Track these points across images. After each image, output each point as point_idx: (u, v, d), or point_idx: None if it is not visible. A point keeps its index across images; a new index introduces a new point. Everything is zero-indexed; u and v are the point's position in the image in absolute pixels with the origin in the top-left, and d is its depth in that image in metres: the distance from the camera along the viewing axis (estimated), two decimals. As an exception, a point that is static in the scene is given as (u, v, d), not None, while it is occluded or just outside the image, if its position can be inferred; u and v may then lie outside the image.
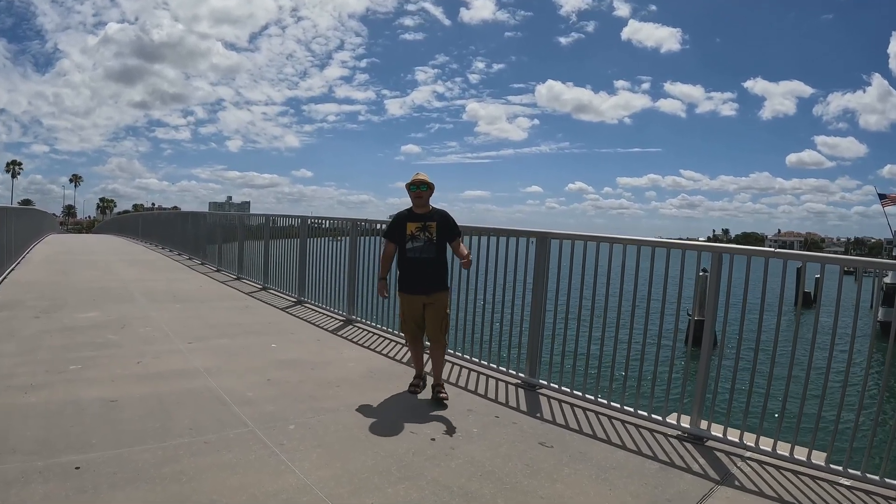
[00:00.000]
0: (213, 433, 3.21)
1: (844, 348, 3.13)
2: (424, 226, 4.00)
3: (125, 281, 9.13)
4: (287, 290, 8.14)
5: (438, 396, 3.95)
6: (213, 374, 4.30)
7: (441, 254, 4.04)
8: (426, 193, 4.06)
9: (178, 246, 14.74)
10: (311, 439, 3.22)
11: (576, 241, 4.27)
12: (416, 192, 4.04)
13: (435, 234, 3.99)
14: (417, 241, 3.99)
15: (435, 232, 3.99)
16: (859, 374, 3.28)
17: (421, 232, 3.99)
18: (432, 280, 4.00)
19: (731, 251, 3.52)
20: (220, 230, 11.45)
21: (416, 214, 4.05)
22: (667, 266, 3.76)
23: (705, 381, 3.54)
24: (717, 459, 3.24)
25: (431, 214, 4.06)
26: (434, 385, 4.05)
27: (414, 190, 4.04)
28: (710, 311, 3.53)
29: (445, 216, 4.08)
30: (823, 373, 3.16)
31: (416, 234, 3.99)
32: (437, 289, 4.02)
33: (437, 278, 4.03)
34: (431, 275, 3.99)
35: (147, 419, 3.34)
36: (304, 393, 4.00)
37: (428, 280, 3.98)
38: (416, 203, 4.05)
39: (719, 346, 3.60)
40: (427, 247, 3.98)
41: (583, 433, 3.55)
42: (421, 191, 4.03)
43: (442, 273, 4.06)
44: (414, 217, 4.04)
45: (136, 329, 5.65)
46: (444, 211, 4.12)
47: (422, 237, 3.99)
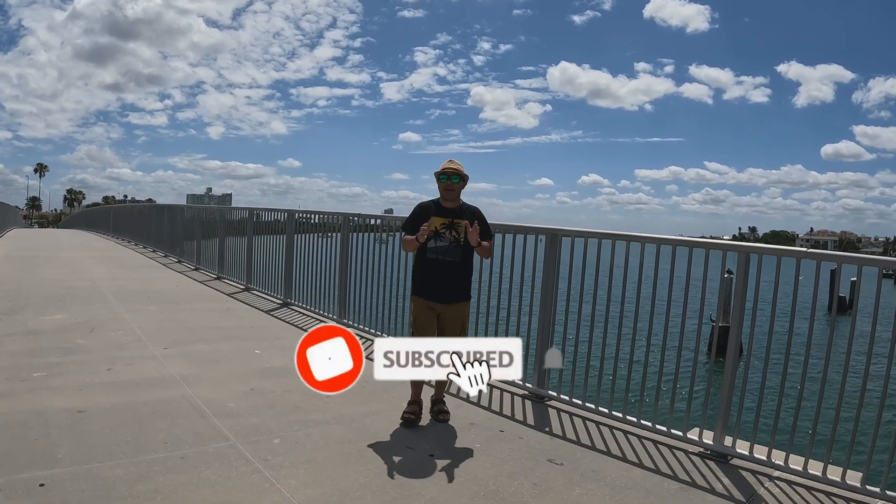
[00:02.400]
0: (190, 447, 3.21)
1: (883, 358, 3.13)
2: (452, 223, 3.77)
3: (95, 280, 9.13)
4: (272, 291, 8.15)
5: (438, 418, 3.84)
6: (190, 382, 4.30)
7: (468, 258, 3.85)
8: (458, 185, 3.83)
9: (153, 242, 14.74)
10: (298, 454, 3.22)
11: (589, 238, 4.27)
12: (447, 184, 3.81)
13: (463, 234, 3.76)
14: (442, 240, 3.77)
15: (464, 232, 3.76)
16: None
17: (447, 230, 3.76)
18: (454, 287, 3.82)
19: (760, 251, 3.52)
20: (199, 225, 11.44)
21: (443, 208, 3.82)
22: (689, 267, 3.76)
23: (730, 394, 3.54)
24: (742, 479, 3.24)
25: (462, 211, 3.84)
26: (434, 400, 3.94)
27: (444, 181, 3.81)
28: (736, 316, 3.54)
29: (477, 214, 3.85)
30: (860, 385, 3.16)
31: (441, 231, 3.77)
32: (459, 297, 3.84)
33: (460, 285, 3.85)
34: (454, 281, 3.82)
35: (118, 432, 3.33)
36: (291, 404, 4.00)
37: (449, 287, 3.80)
38: (446, 196, 3.83)
39: (746, 354, 3.60)
40: (453, 249, 3.77)
41: (595, 449, 3.55)
42: (452, 182, 3.80)
43: (466, 280, 3.89)
44: (441, 211, 3.81)
45: (107, 333, 5.65)
46: (476, 208, 3.91)
47: (447, 237, 3.77)
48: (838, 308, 3.60)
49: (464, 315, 3.89)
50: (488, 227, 3.90)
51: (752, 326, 3.48)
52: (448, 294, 3.81)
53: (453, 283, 3.82)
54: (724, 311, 3.84)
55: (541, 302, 4.45)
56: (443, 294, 3.81)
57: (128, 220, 18.95)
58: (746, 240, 50.58)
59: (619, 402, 4.00)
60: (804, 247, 3.30)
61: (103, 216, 24.35)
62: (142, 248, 15.40)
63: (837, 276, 3.35)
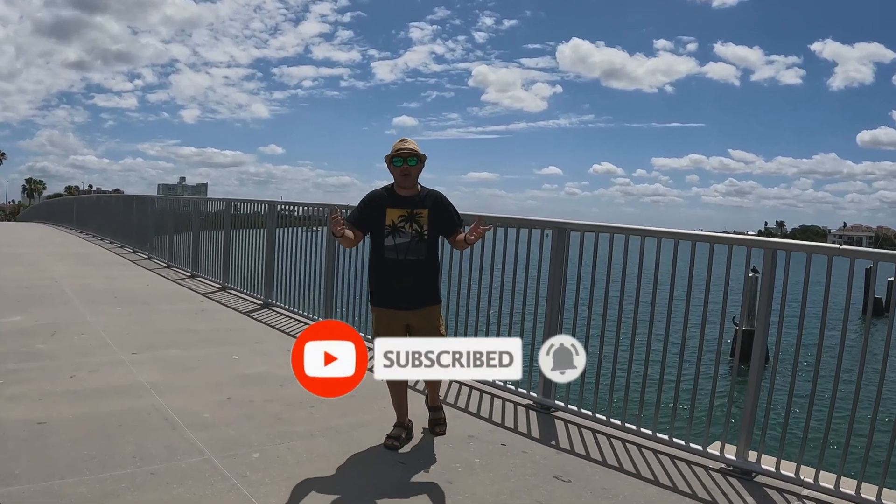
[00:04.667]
0: (160, 462, 3.20)
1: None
2: (412, 214, 3.51)
3: (56, 278, 9.12)
4: (252, 291, 8.15)
5: (435, 430, 3.76)
6: (161, 391, 4.30)
7: (433, 254, 3.63)
8: (416, 169, 3.53)
9: (121, 237, 14.72)
10: (280, 471, 3.21)
11: (600, 233, 4.27)
12: (403, 168, 3.50)
13: (426, 226, 3.52)
14: (401, 235, 3.50)
15: (426, 223, 3.52)
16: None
17: (407, 223, 3.50)
18: (420, 291, 3.54)
19: (788, 247, 3.52)
20: (172, 218, 11.46)
21: (399, 197, 3.55)
22: (710, 265, 3.76)
23: (755, 404, 3.55)
24: (768, 498, 3.25)
25: (422, 198, 3.57)
26: (430, 407, 3.87)
27: (399, 164, 3.49)
28: (762, 319, 3.54)
29: (440, 200, 3.62)
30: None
31: (399, 225, 3.50)
32: (427, 302, 3.58)
33: (427, 288, 3.59)
34: (419, 283, 3.54)
35: (82, 445, 3.33)
36: (272, 414, 4.00)
37: (414, 291, 3.52)
38: (402, 182, 3.53)
39: (772, 361, 3.61)
40: (415, 245, 3.51)
41: (607, 465, 3.56)
42: (409, 166, 3.50)
43: (433, 280, 3.66)
44: (397, 200, 3.53)
45: (70, 337, 5.65)
46: (439, 192, 3.66)
47: (407, 230, 3.50)
48: (874, 310, 3.60)
49: (437, 320, 3.64)
50: (455, 212, 3.70)
51: (779, 330, 3.49)
52: (414, 299, 3.54)
53: (419, 285, 3.55)
54: (749, 314, 3.85)
55: (547, 303, 4.44)
56: (408, 299, 3.52)
57: (93, 212, 18.91)
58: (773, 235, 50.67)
59: (632, 412, 4.01)
60: (837, 243, 3.29)
61: (66, 208, 24.29)
62: (108, 243, 15.37)
63: (873, 275, 3.35)
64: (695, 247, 3.78)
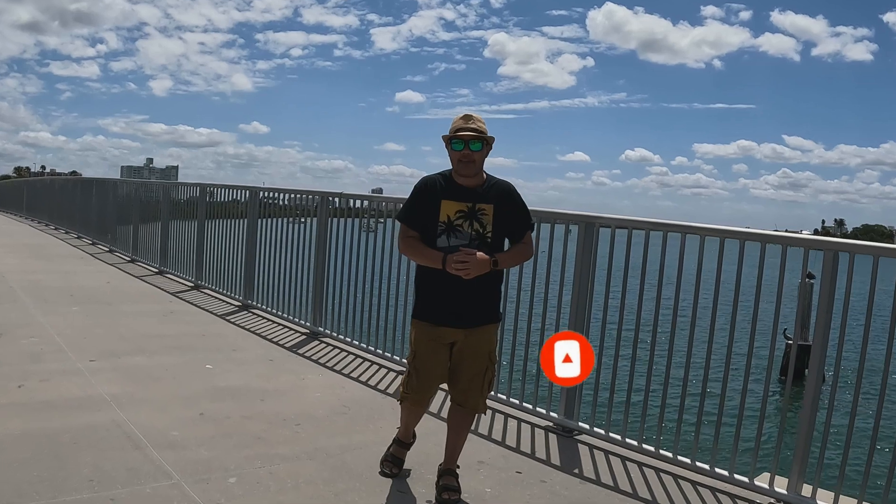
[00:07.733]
0: (121, 487, 3.20)
1: None
2: (473, 210, 3.24)
3: (3, 273, 9.15)
4: (228, 290, 8.17)
5: (443, 497, 3.31)
6: (123, 404, 4.31)
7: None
8: (480, 154, 3.25)
9: (78, 226, 14.81)
10: (260, 498, 3.21)
11: (633, 229, 4.26)
12: (464, 153, 3.21)
13: (490, 225, 3.26)
14: (458, 235, 3.23)
15: (490, 222, 3.26)
16: None
17: (465, 220, 3.23)
18: (477, 305, 3.29)
19: (852, 249, 3.50)
20: (137, 205, 11.48)
21: (459, 187, 3.27)
22: (760, 268, 3.74)
23: (810, 431, 3.53)
24: (824, 539, 3.24)
25: (486, 190, 3.30)
26: (442, 471, 3.44)
27: (459, 148, 3.21)
28: (820, 332, 3.52)
29: (510, 193, 3.37)
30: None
31: (455, 222, 3.23)
32: (484, 319, 3.34)
33: (486, 303, 3.34)
34: (476, 297, 3.27)
35: (30, 466, 3.33)
36: (251, 433, 4.00)
37: (472, 305, 3.27)
38: (462, 170, 3.25)
39: (832, 381, 3.59)
40: (475, 247, 3.20)
41: (637, 497, 3.55)
42: (472, 150, 3.20)
43: (494, 293, 3.39)
44: (455, 191, 3.26)
45: (18, 341, 5.66)
46: (508, 184, 3.40)
47: (465, 230, 3.23)
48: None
49: (491, 343, 3.43)
50: (527, 211, 3.47)
51: (839, 345, 3.46)
52: (471, 316, 3.29)
53: (477, 299, 3.29)
54: (803, 326, 3.83)
55: (571, 308, 4.44)
56: (463, 316, 3.27)
57: (47, 197, 19.02)
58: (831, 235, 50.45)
59: (668, 438, 4.00)
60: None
61: (15, 192, 24.43)
62: (63, 233, 15.43)
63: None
64: (743, 246, 3.75)
